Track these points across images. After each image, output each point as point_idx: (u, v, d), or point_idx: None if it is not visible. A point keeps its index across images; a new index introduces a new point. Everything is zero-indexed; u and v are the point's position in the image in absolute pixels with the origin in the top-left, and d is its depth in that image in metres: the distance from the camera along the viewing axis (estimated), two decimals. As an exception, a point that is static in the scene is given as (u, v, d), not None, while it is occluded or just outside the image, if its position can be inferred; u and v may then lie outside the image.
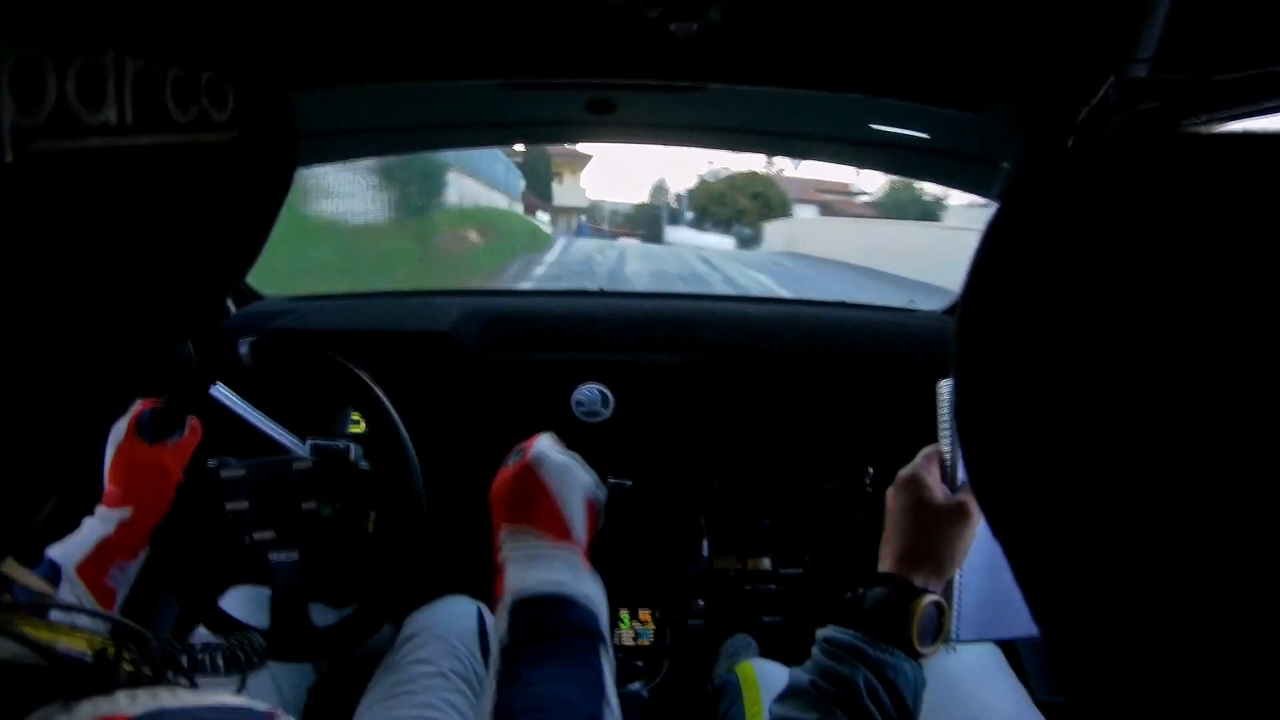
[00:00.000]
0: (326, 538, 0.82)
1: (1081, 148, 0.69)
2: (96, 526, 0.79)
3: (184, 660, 0.37)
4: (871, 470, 1.27)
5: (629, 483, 1.25)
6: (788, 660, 0.98)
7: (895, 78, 1.01)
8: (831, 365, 1.31)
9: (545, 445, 0.72)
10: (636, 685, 1.32)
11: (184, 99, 0.23)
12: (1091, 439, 0.22)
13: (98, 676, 0.29)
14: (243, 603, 0.95)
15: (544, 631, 0.58)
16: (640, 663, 1.34)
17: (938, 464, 0.66)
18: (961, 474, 0.64)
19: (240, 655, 0.51)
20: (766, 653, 1.31)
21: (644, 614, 1.35)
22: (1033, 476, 0.23)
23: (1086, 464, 0.22)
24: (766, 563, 1.34)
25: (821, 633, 0.61)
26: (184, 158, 0.23)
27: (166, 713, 0.30)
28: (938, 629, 0.60)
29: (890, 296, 1.76)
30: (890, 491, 0.67)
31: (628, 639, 1.34)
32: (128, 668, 0.32)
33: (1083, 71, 0.85)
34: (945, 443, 0.65)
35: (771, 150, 1.58)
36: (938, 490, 0.63)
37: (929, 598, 0.59)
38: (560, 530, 0.67)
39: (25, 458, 0.23)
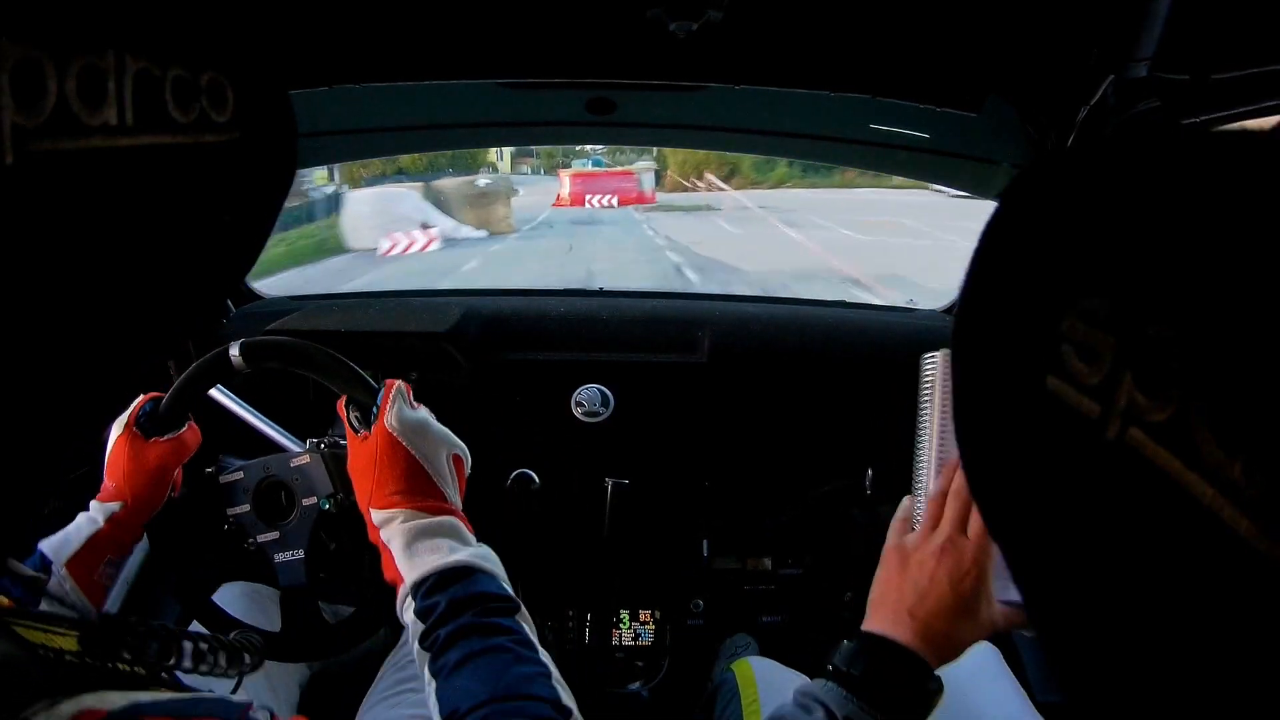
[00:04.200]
0: (328, 534, 0.82)
1: (1080, 146, 0.69)
2: (88, 522, 0.78)
3: (187, 649, 0.37)
4: (871, 472, 1.27)
5: (627, 482, 1.26)
6: (787, 660, 0.98)
7: (895, 78, 1.01)
8: (831, 365, 1.31)
9: (400, 407, 0.69)
10: (636, 685, 1.32)
11: (184, 99, 0.23)
12: (1089, 438, 0.22)
13: (85, 673, 0.29)
14: (236, 600, 0.95)
15: (455, 608, 0.58)
16: (640, 663, 1.34)
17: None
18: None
19: (243, 652, 0.50)
20: (766, 653, 1.31)
21: (644, 614, 1.35)
22: (1029, 476, 0.23)
23: (1084, 463, 0.22)
24: (766, 563, 1.34)
25: (812, 688, 0.57)
26: (184, 158, 0.23)
27: (143, 706, 0.31)
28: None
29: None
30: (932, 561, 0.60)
31: (628, 639, 1.34)
32: (123, 666, 0.32)
33: (1082, 71, 0.85)
34: (924, 424, 0.62)
35: (771, 151, 1.58)
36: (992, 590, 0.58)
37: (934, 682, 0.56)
38: (435, 498, 0.66)
39: (24, 458, 0.23)
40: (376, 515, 0.66)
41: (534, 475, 1.26)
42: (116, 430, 0.80)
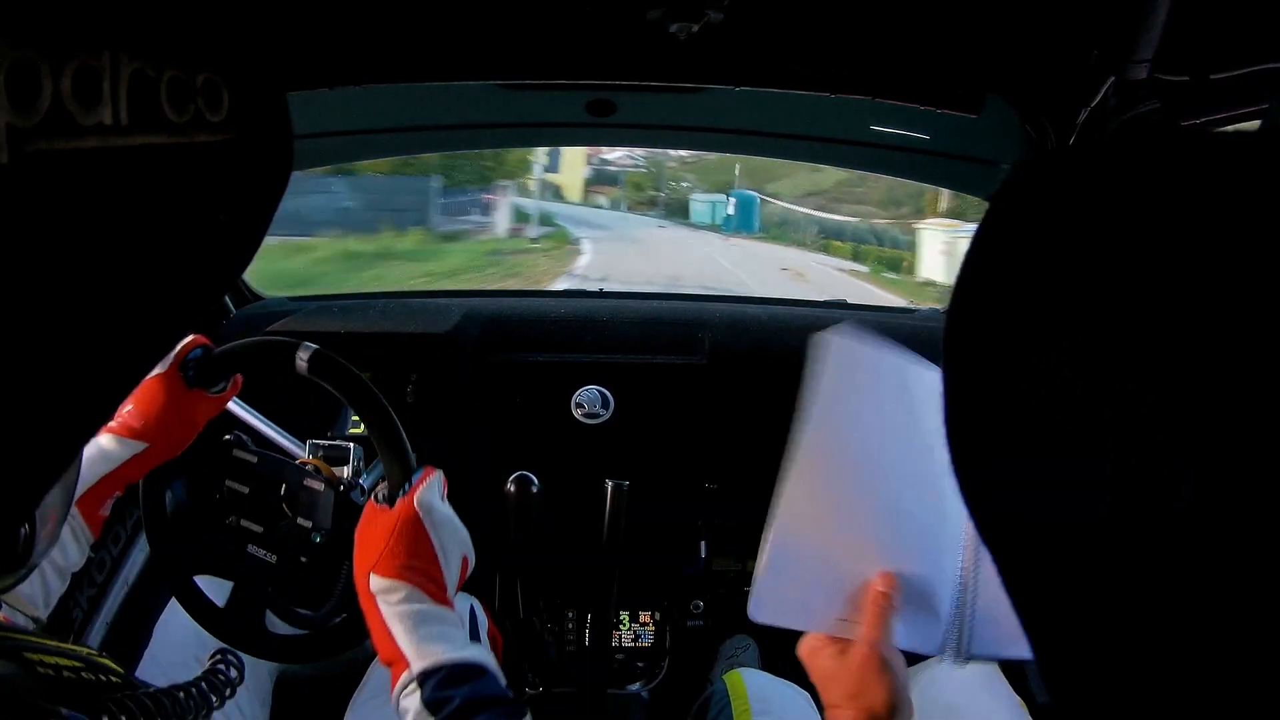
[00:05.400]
0: (308, 557, 0.81)
1: (1075, 147, 0.69)
2: (108, 456, 0.74)
3: (167, 706, 0.37)
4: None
5: (626, 483, 1.25)
6: (788, 660, 0.98)
7: (896, 79, 1.01)
8: None
9: (433, 494, 0.69)
10: (636, 686, 1.32)
11: (179, 100, 0.23)
12: (1084, 443, 0.21)
13: (82, 690, 0.29)
14: (217, 583, 0.94)
15: (470, 707, 0.58)
16: (640, 664, 1.34)
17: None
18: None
19: (232, 674, 0.50)
20: (766, 653, 1.31)
21: (644, 615, 1.35)
22: (1022, 482, 0.23)
23: (1079, 469, 0.22)
24: None
25: None
26: (179, 158, 0.23)
27: None
28: None
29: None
30: (803, 654, 0.64)
31: (628, 640, 1.34)
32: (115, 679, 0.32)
33: (1082, 72, 0.85)
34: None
35: (771, 152, 1.59)
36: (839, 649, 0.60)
37: None
38: (440, 589, 0.66)
39: (20, 461, 0.23)
40: (377, 582, 0.64)
41: (534, 477, 1.26)
42: (160, 367, 0.76)
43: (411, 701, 0.60)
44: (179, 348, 0.77)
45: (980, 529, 0.25)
